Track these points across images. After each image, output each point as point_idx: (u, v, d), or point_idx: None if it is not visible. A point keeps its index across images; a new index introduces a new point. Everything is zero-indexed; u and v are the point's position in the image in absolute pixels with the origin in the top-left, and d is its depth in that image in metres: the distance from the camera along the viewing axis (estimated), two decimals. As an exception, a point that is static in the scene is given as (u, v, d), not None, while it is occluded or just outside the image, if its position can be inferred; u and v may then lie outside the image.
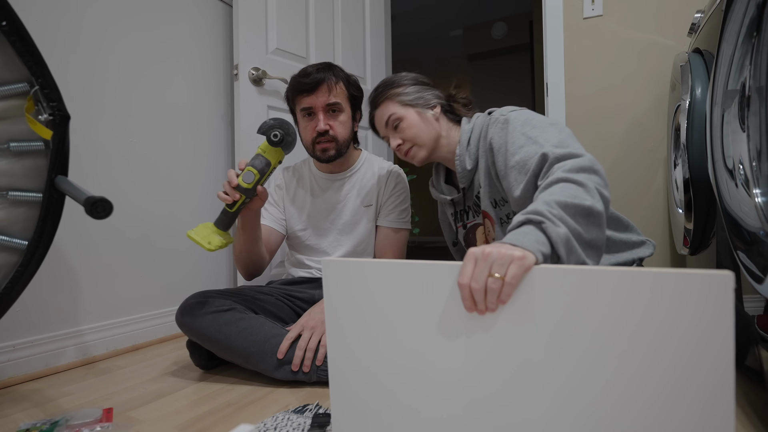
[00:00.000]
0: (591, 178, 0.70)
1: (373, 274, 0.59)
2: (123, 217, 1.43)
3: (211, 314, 1.06)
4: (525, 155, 0.84)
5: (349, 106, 1.26)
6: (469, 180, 1.07)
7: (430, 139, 1.06)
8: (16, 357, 1.17)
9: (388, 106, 1.08)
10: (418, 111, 1.07)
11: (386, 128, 1.09)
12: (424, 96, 1.08)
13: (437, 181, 1.20)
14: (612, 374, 0.47)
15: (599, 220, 0.67)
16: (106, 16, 1.40)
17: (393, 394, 0.59)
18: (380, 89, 1.10)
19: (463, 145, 1.04)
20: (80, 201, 0.83)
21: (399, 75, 1.11)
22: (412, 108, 1.06)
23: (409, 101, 1.07)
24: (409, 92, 1.07)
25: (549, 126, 0.86)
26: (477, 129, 1.04)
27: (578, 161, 0.73)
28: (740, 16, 0.77)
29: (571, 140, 0.82)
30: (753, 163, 0.73)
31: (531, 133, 0.86)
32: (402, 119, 1.06)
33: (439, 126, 1.08)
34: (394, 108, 1.07)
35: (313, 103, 1.21)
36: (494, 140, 0.94)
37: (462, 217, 1.15)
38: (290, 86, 1.25)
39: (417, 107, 1.07)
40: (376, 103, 1.10)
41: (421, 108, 1.07)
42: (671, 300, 0.44)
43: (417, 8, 3.98)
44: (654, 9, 1.61)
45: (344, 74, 1.26)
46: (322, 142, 1.23)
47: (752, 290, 0.73)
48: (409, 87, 1.08)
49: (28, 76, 0.88)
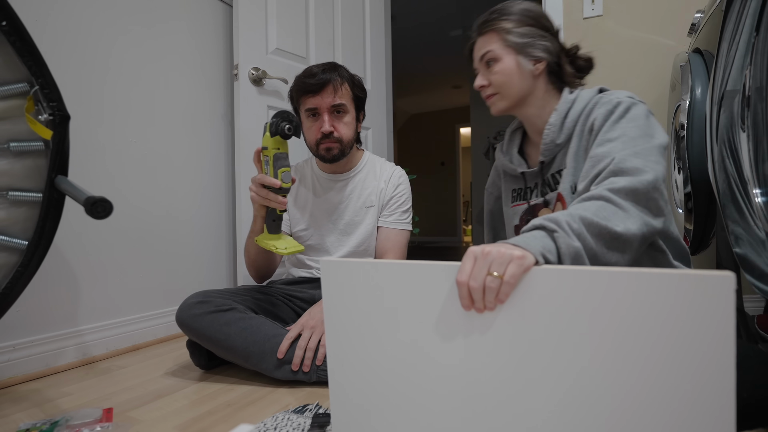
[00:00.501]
0: (638, 204, 0.67)
1: (371, 274, 0.59)
2: (123, 217, 1.43)
3: (211, 314, 1.06)
4: (605, 152, 0.77)
5: (353, 106, 1.26)
6: (552, 155, 0.94)
7: (518, 94, 0.94)
8: (16, 357, 1.17)
9: (491, 38, 0.94)
10: (518, 59, 0.92)
11: (479, 62, 0.97)
12: (534, 44, 0.92)
13: (509, 148, 1.06)
14: (611, 375, 0.47)
15: (625, 247, 0.65)
16: (106, 17, 1.40)
17: (392, 393, 0.59)
18: (492, 16, 0.95)
19: (560, 115, 0.91)
20: (80, 201, 0.83)
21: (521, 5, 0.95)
22: (513, 52, 0.92)
23: (514, 44, 0.92)
24: (519, 33, 0.92)
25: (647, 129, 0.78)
26: (581, 103, 0.90)
27: (634, 182, 0.68)
28: (740, 16, 0.77)
29: (652, 153, 0.74)
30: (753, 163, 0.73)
31: (631, 132, 0.77)
32: (497, 61, 0.93)
33: (535, 85, 0.94)
34: (495, 44, 0.93)
35: (319, 104, 1.20)
36: (597, 122, 0.83)
37: (526, 195, 1.02)
38: (295, 86, 1.24)
39: (520, 54, 0.92)
40: (481, 30, 0.96)
41: (524, 57, 0.93)
42: (671, 300, 0.43)
43: (417, 8, 3.98)
44: (654, 9, 1.61)
45: (349, 75, 1.26)
46: (327, 142, 1.22)
47: (752, 290, 0.73)
48: (523, 27, 0.93)
49: (28, 76, 0.88)
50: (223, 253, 1.80)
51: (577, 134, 0.89)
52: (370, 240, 1.32)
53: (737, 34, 0.78)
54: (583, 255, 0.61)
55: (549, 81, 0.95)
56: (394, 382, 0.59)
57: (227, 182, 1.81)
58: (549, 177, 0.95)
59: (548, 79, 0.95)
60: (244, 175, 1.65)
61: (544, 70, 0.94)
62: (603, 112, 0.83)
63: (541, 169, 0.96)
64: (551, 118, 0.92)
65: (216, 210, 1.77)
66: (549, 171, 0.95)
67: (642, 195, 0.68)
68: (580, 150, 0.88)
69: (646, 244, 0.71)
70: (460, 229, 6.94)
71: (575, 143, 0.89)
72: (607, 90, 0.90)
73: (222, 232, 1.79)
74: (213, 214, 1.76)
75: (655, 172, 0.71)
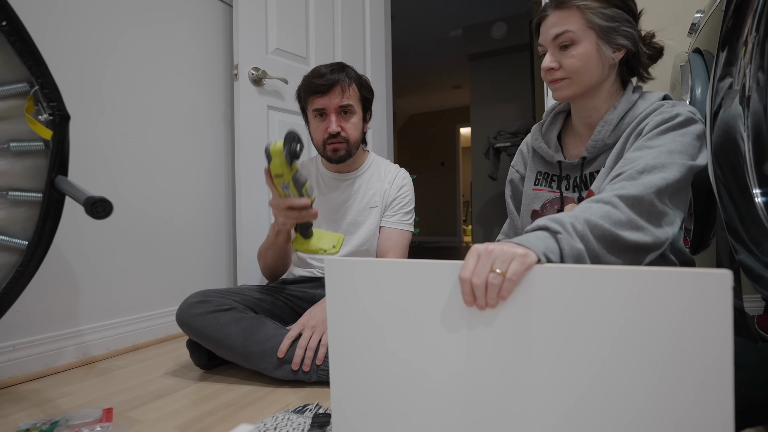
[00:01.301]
0: (641, 214, 0.67)
1: (376, 273, 0.59)
2: (123, 217, 1.43)
3: (211, 314, 1.06)
4: (637, 156, 0.74)
5: (360, 107, 1.26)
6: (597, 153, 0.87)
7: (589, 83, 0.85)
8: (16, 357, 1.17)
9: (571, 16, 0.82)
10: (599, 45, 0.82)
11: (552, 41, 0.85)
12: (618, 30, 0.82)
13: (549, 131, 0.97)
14: (610, 372, 0.47)
15: (627, 252, 0.66)
16: (106, 17, 1.40)
17: (394, 392, 0.59)
18: None
19: (619, 114, 0.84)
20: (80, 201, 0.83)
21: None
22: (595, 36, 0.82)
23: (598, 27, 0.82)
24: (605, 14, 0.82)
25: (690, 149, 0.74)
26: (642, 106, 0.83)
27: (642, 191, 0.67)
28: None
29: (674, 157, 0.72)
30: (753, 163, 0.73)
31: (672, 145, 0.73)
32: (576, 44, 0.82)
33: (608, 75, 0.86)
34: (576, 24, 0.82)
35: (326, 105, 1.21)
36: (647, 127, 0.78)
37: (559, 185, 0.94)
38: (303, 86, 1.25)
39: (602, 40, 0.82)
40: (560, 3, 0.84)
41: (605, 44, 0.83)
42: (670, 298, 0.44)
43: (417, 8, 3.98)
44: (654, 9, 1.61)
45: (356, 75, 1.26)
46: (334, 142, 1.23)
47: (752, 290, 0.73)
48: (610, 8, 0.82)
49: (28, 76, 0.88)
50: (223, 252, 1.80)
51: (625, 136, 0.83)
52: (373, 240, 1.32)
53: (737, 33, 0.78)
54: (585, 257, 0.61)
55: (619, 72, 0.87)
56: (396, 381, 0.59)
57: (227, 182, 1.81)
58: (587, 174, 0.89)
59: (619, 70, 0.87)
60: (244, 175, 1.65)
61: (621, 60, 0.85)
62: (658, 120, 0.77)
63: (582, 164, 0.89)
64: (608, 115, 0.85)
65: (216, 209, 1.77)
66: (589, 168, 0.89)
67: (646, 205, 0.68)
68: (623, 152, 0.82)
69: (650, 254, 0.70)
70: (460, 229, 6.95)
71: (620, 145, 0.83)
72: (670, 98, 0.84)
73: (222, 232, 1.79)
74: (213, 213, 1.76)
75: (674, 171, 0.69)
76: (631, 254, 0.66)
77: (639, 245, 0.66)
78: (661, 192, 0.68)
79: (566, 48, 0.83)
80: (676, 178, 0.70)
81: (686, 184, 0.74)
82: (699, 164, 0.74)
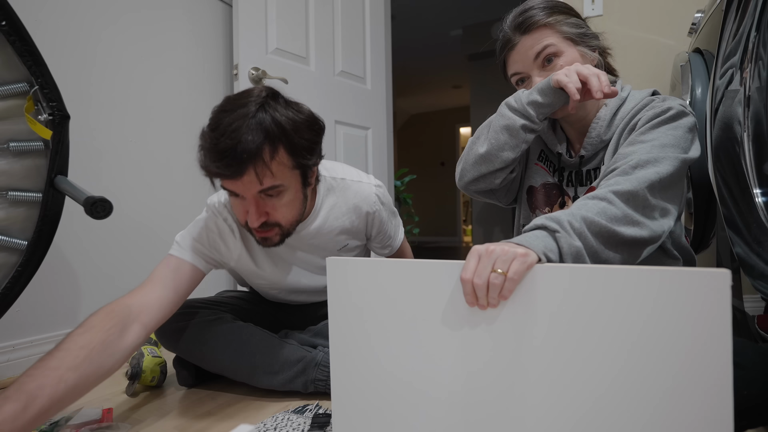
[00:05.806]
0: (636, 209, 0.67)
1: (377, 273, 0.59)
2: (123, 217, 1.43)
3: (196, 326, 1.00)
4: (630, 151, 0.74)
5: (295, 176, 0.87)
6: (595, 151, 0.88)
7: None
8: (16, 357, 1.17)
9: (544, 34, 0.85)
10: (581, 50, 0.86)
11: (533, 61, 0.86)
12: (587, 33, 0.87)
13: (549, 125, 0.97)
14: (610, 371, 0.47)
15: (624, 247, 0.66)
16: (105, 17, 1.40)
17: (395, 393, 0.59)
18: (531, 13, 0.86)
19: (611, 110, 0.85)
20: (80, 201, 0.83)
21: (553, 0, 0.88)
22: (573, 45, 0.85)
23: (573, 35, 0.85)
24: (570, 23, 0.86)
25: (682, 142, 0.74)
26: (632, 102, 0.85)
27: (636, 186, 0.68)
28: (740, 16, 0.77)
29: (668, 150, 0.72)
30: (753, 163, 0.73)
31: (665, 139, 0.74)
32: (561, 55, 0.84)
33: None
34: (553, 38, 0.84)
35: (241, 191, 0.83)
36: (640, 122, 0.79)
37: (559, 177, 0.94)
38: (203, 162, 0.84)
39: (580, 45, 0.86)
40: (526, 29, 0.85)
41: (584, 46, 0.86)
42: (669, 298, 0.44)
43: (417, 8, 3.98)
44: (654, 9, 1.61)
45: (281, 133, 0.82)
46: (261, 232, 0.89)
47: (752, 290, 0.73)
48: (571, 18, 0.87)
49: (27, 76, 0.88)
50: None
51: (619, 132, 0.84)
52: None
53: (738, 33, 0.78)
54: (584, 254, 0.62)
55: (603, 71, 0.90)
56: (397, 381, 0.59)
57: (227, 182, 1.81)
58: (585, 172, 0.90)
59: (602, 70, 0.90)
60: (244, 175, 1.65)
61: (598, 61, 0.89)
62: (651, 114, 0.78)
63: (580, 162, 0.91)
64: (600, 112, 0.87)
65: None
66: (587, 166, 0.90)
67: (641, 200, 0.68)
68: (617, 149, 0.83)
69: (647, 247, 0.71)
70: (460, 229, 6.95)
71: (614, 142, 0.84)
72: (659, 94, 0.86)
73: (222, 232, 1.79)
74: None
75: (670, 164, 0.70)
76: (628, 249, 0.67)
77: (636, 240, 0.66)
78: (654, 186, 0.69)
79: (551, 62, 0.85)
80: (670, 172, 0.71)
81: (680, 178, 0.75)
82: (692, 157, 0.74)
